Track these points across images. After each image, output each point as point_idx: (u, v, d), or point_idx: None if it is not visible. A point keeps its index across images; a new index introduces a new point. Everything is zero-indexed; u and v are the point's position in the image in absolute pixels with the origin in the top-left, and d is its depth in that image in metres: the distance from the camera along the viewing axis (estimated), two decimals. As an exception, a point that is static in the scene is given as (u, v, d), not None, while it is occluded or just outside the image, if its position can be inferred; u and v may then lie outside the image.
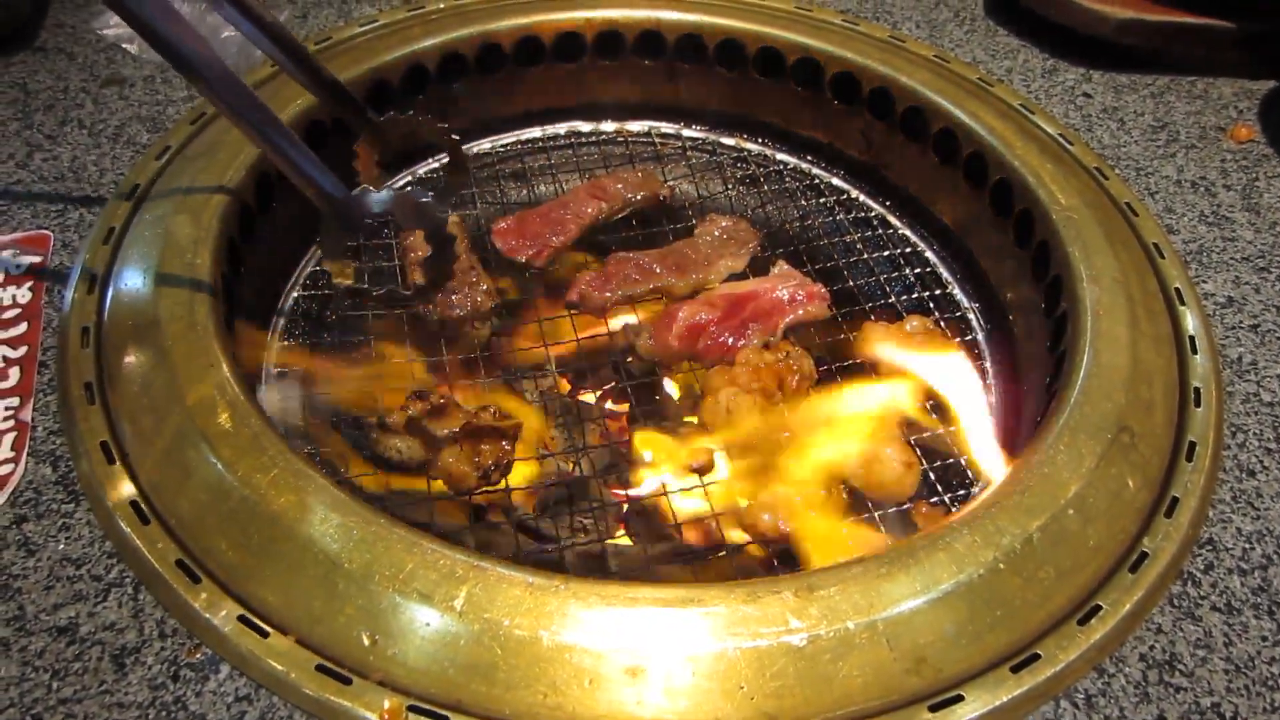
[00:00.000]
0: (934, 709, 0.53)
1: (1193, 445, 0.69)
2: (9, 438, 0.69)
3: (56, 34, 1.08)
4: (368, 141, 0.77)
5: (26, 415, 0.71)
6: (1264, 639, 0.60)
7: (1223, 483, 0.70)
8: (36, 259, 0.82)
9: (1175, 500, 0.65)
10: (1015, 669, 0.55)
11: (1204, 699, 0.57)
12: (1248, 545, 0.66)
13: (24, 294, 0.79)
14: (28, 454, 0.68)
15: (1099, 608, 0.59)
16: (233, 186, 0.80)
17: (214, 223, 0.77)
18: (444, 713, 0.52)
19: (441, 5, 1.04)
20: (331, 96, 0.76)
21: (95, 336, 0.72)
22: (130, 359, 0.70)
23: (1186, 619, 0.61)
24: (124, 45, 1.06)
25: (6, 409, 0.71)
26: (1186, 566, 0.64)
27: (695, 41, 1.02)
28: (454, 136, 0.78)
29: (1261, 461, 0.71)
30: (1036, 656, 0.56)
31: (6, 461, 0.68)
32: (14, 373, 0.74)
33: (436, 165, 1.01)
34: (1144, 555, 0.62)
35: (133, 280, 0.74)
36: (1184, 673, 0.58)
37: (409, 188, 0.76)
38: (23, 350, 0.75)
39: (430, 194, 0.67)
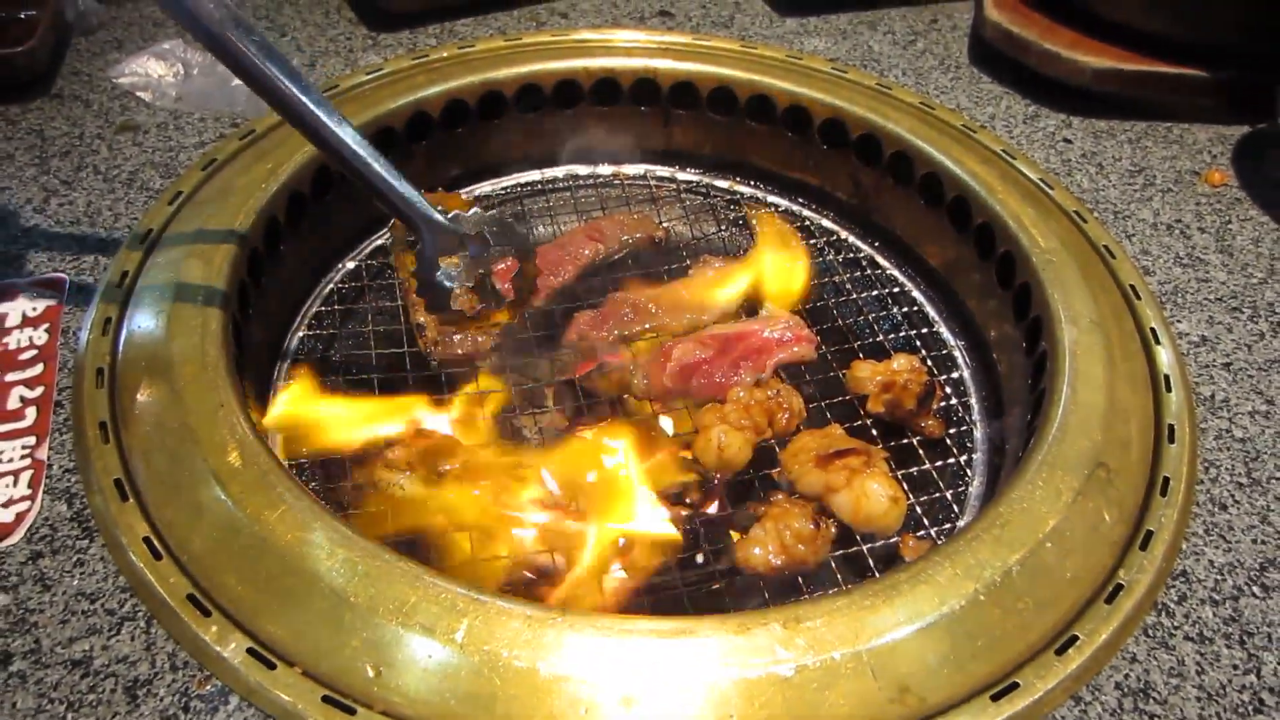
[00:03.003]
0: (917, 737, 0.55)
1: (1167, 480, 0.71)
2: (26, 475, 0.72)
3: (73, 81, 1.12)
4: None
5: (43, 454, 0.73)
6: (1235, 668, 0.63)
7: (1196, 516, 0.72)
8: (53, 301, 0.85)
9: (1150, 534, 0.68)
10: (995, 698, 0.57)
11: (1176, 726, 0.60)
12: (1220, 577, 0.68)
13: (40, 335, 0.82)
14: (44, 491, 0.71)
15: (1076, 638, 0.61)
16: (243, 230, 0.83)
17: (225, 266, 0.80)
18: (445, 742, 0.54)
19: (445, 54, 1.07)
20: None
21: (109, 377, 0.75)
22: (143, 398, 0.72)
23: (1160, 648, 0.63)
24: (138, 93, 1.10)
25: (24, 448, 0.73)
26: (1161, 598, 0.66)
27: (689, 89, 1.06)
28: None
29: (1233, 496, 0.74)
30: (1016, 685, 0.58)
31: (24, 499, 0.70)
32: (31, 412, 0.76)
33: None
34: (1119, 587, 0.64)
35: (146, 322, 0.77)
36: (1158, 700, 0.61)
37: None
38: (39, 390, 0.78)
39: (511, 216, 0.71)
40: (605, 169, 1.12)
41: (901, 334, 0.95)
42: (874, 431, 0.84)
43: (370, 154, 0.66)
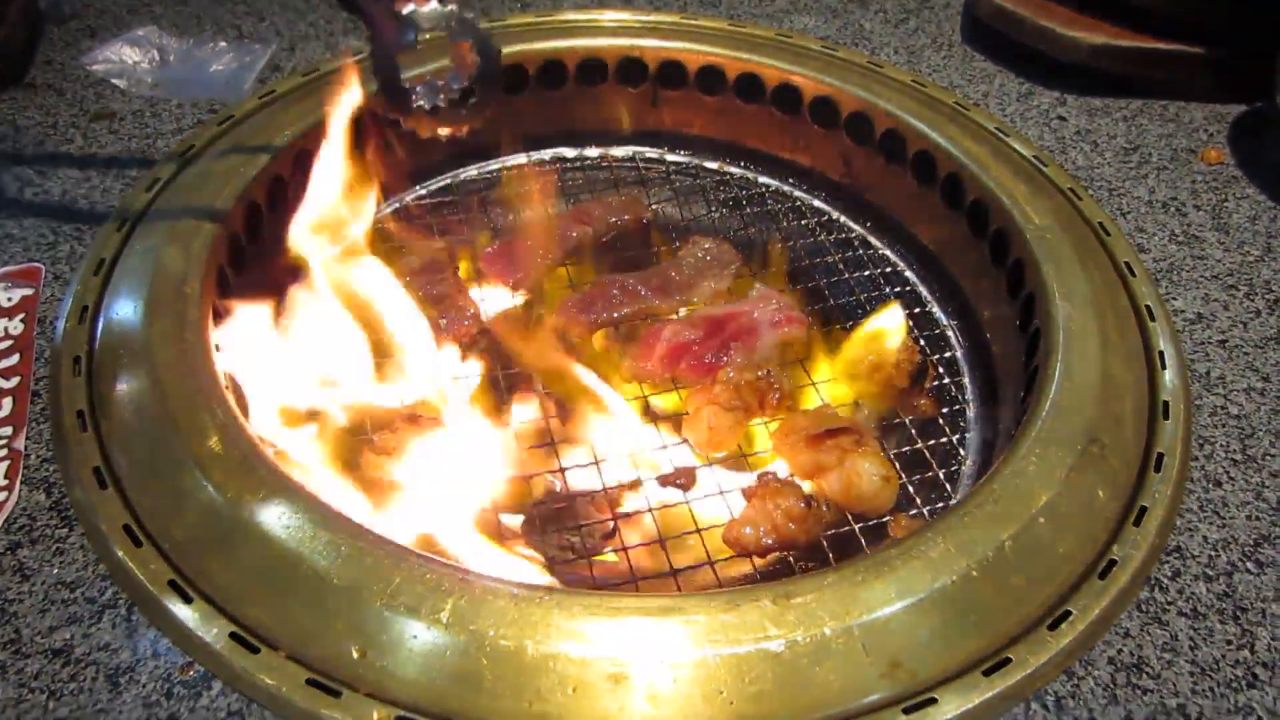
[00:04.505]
0: (908, 711, 0.54)
1: (1161, 457, 0.71)
2: (3, 466, 0.71)
3: (46, 70, 1.10)
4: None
5: (20, 444, 0.72)
6: (1228, 642, 0.62)
7: (1190, 493, 0.71)
8: (28, 291, 0.84)
9: (1144, 509, 0.67)
10: (987, 673, 0.56)
11: (1170, 700, 0.59)
12: (1213, 553, 0.68)
13: (16, 325, 0.81)
14: (21, 481, 0.70)
15: (1069, 613, 0.60)
16: (222, 216, 0.82)
17: (204, 252, 0.78)
18: (432, 723, 0.53)
19: (427, 36, 1.06)
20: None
21: (87, 365, 0.73)
22: (122, 386, 0.71)
23: (1154, 624, 0.63)
24: (114, 80, 1.08)
25: (0, 438, 0.72)
26: (1154, 573, 0.66)
27: (677, 68, 1.05)
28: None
29: (1228, 472, 0.73)
30: (1008, 660, 0.57)
31: (1, 489, 0.69)
32: (7, 402, 0.75)
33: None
34: (1113, 563, 0.63)
35: (124, 310, 0.76)
36: (1151, 675, 0.60)
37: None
38: (15, 380, 0.77)
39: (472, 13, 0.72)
40: (593, 151, 1.11)
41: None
42: (866, 411, 0.83)
43: None
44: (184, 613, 0.59)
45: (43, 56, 1.12)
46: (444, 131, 0.77)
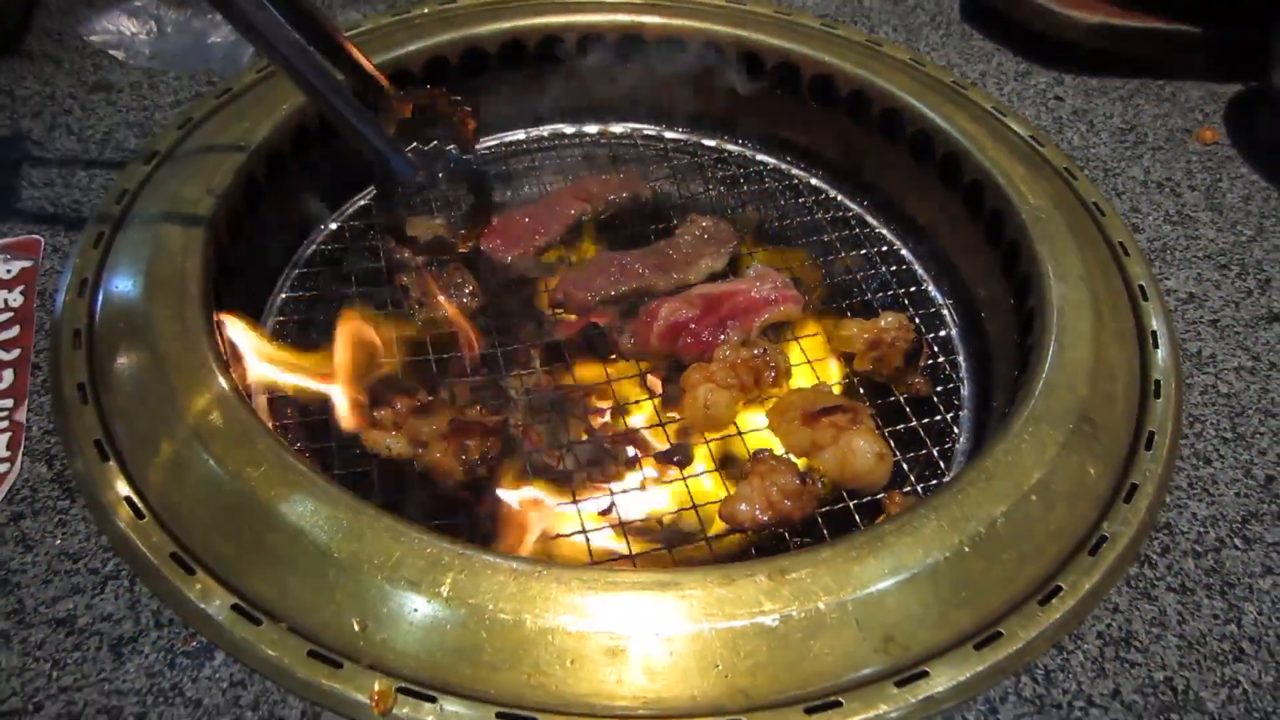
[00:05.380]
0: (900, 684, 0.55)
1: (1152, 435, 0.72)
2: (5, 438, 0.71)
3: (43, 40, 1.09)
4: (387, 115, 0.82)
5: (21, 416, 0.72)
6: (1215, 617, 0.63)
7: (1180, 470, 0.72)
8: (28, 263, 0.83)
9: (1134, 487, 0.68)
10: (979, 646, 0.58)
11: (1157, 673, 0.60)
12: (1202, 529, 0.69)
13: (16, 298, 0.81)
14: (23, 453, 0.70)
15: (1059, 588, 0.61)
16: (221, 191, 0.81)
17: (203, 227, 0.78)
18: (432, 693, 0.54)
19: (425, 10, 1.05)
20: (354, 76, 0.79)
21: (87, 338, 0.74)
22: (122, 360, 0.71)
23: (1143, 599, 0.64)
24: (111, 51, 1.07)
25: (1, 410, 0.73)
26: (1144, 549, 0.67)
27: (676, 45, 1.05)
28: (466, 108, 0.81)
29: (1218, 450, 0.74)
30: (999, 634, 0.58)
31: (3, 461, 0.69)
32: (8, 375, 0.75)
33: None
34: (1103, 539, 0.64)
35: (123, 283, 0.76)
36: (1139, 649, 0.61)
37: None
38: (16, 353, 0.77)
39: (468, 155, 0.80)
40: (591, 128, 1.11)
41: (889, 292, 0.95)
42: (861, 389, 0.84)
43: (337, 91, 0.70)
44: (186, 584, 0.60)
45: (40, 25, 1.11)
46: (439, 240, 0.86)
